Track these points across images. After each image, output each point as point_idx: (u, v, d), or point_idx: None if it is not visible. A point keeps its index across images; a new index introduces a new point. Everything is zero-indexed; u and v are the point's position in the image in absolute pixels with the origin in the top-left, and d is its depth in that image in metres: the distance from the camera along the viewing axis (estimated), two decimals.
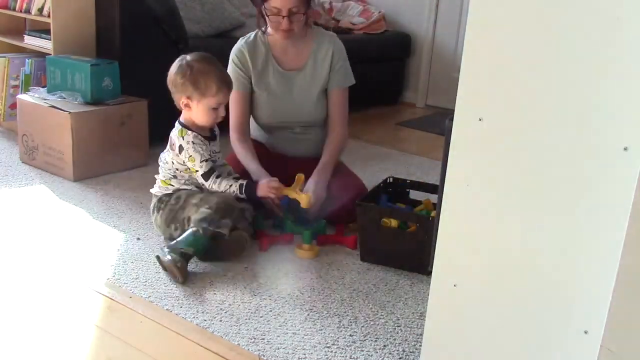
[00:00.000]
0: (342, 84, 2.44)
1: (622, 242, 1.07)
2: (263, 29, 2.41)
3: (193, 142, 2.09)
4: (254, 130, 2.51)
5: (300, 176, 2.22)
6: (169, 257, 1.90)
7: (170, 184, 2.15)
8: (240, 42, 2.44)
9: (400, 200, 2.31)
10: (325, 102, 2.45)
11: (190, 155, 2.09)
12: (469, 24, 1.18)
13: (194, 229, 1.99)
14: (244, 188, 2.12)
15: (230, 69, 2.39)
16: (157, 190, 2.18)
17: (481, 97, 1.20)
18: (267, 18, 2.31)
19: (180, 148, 2.10)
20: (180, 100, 2.11)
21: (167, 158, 2.15)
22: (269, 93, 2.41)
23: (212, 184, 2.11)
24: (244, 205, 2.12)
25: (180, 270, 1.88)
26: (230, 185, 2.11)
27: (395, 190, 2.35)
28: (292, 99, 2.42)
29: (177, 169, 2.14)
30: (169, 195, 2.14)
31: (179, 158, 2.11)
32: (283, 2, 2.24)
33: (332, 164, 2.38)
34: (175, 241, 1.99)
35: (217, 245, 2.01)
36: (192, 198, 2.09)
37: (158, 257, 1.95)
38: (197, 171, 2.10)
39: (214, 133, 2.20)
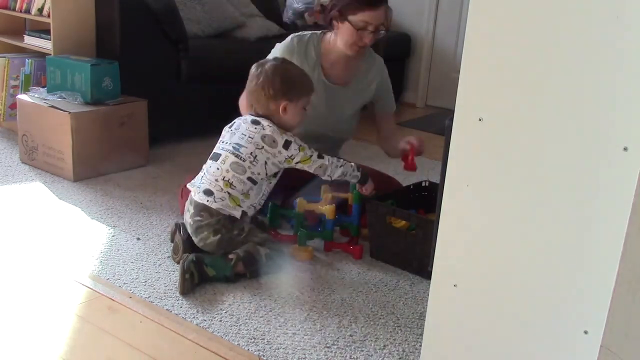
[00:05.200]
0: (392, 109, 2.54)
1: (622, 242, 1.07)
2: (319, 33, 2.37)
3: (294, 136, 2.03)
4: None
5: (325, 187, 2.20)
6: (189, 263, 1.84)
7: (239, 205, 1.97)
8: (292, 40, 2.35)
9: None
10: (356, 121, 2.51)
11: (300, 145, 2.00)
12: (469, 24, 1.18)
13: (231, 256, 1.92)
14: (359, 170, 2.10)
15: None
16: (220, 205, 1.96)
17: (481, 97, 1.20)
18: (347, 31, 2.23)
19: (287, 143, 1.99)
20: (279, 105, 2.00)
21: (259, 157, 1.98)
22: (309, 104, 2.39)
23: (331, 159, 2.05)
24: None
25: (186, 283, 1.82)
26: (347, 163, 2.09)
27: (430, 195, 2.27)
28: (329, 113, 2.39)
29: (266, 173, 1.99)
30: (232, 221, 1.97)
31: (282, 155, 1.98)
32: (376, 17, 2.19)
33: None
34: (208, 256, 1.92)
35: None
36: (253, 236, 1.99)
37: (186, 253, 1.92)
38: (310, 156, 2.01)
39: None
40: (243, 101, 2.32)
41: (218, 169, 1.98)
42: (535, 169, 1.16)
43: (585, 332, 1.14)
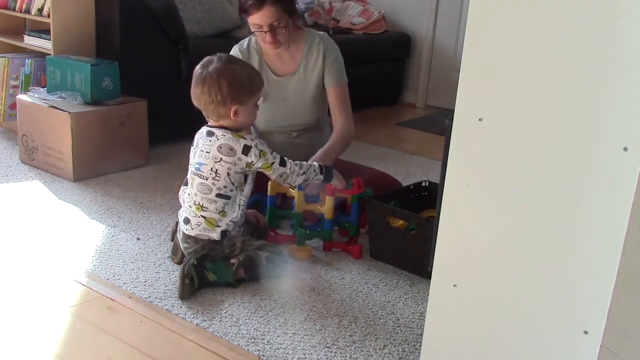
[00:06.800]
0: (340, 80, 2.43)
1: (622, 242, 1.07)
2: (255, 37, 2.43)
3: (258, 139, 1.95)
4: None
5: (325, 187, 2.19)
6: (189, 267, 1.83)
7: (217, 225, 1.93)
8: (235, 49, 2.44)
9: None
10: (321, 103, 2.48)
11: (261, 150, 1.91)
12: (469, 24, 1.18)
13: (233, 261, 1.91)
14: (323, 169, 2.05)
15: None
16: (197, 232, 1.93)
17: (481, 97, 1.20)
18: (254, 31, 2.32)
19: (247, 148, 1.89)
20: (230, 110, 1.89)
21: (220, 171, 1.90)
22: (265, 100, 2.39)
23: (293, 167, 1.97)
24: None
25: (186, 287, 1.81)
26: (310, 166, 2.03)
27: (430, 195, 2.27)
28: (288, 104, 2.43)
29: (233, 183, 1.92)
30: (218, 242, 1.94)
31: (243, 161, 1.90)
32: (262, 19, 2.23)
33: (335, 151, 2.35)
34: (209, 260, 1.92)
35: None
36: (249, 245, 1.96)
37: (185, 258, 1.92)
38: (272, 163, 1.93)
39: None
40: None
41: (189, 194, 1.96)
42: (535, 169, 1.16)
43: (585, 332, 1.14)
